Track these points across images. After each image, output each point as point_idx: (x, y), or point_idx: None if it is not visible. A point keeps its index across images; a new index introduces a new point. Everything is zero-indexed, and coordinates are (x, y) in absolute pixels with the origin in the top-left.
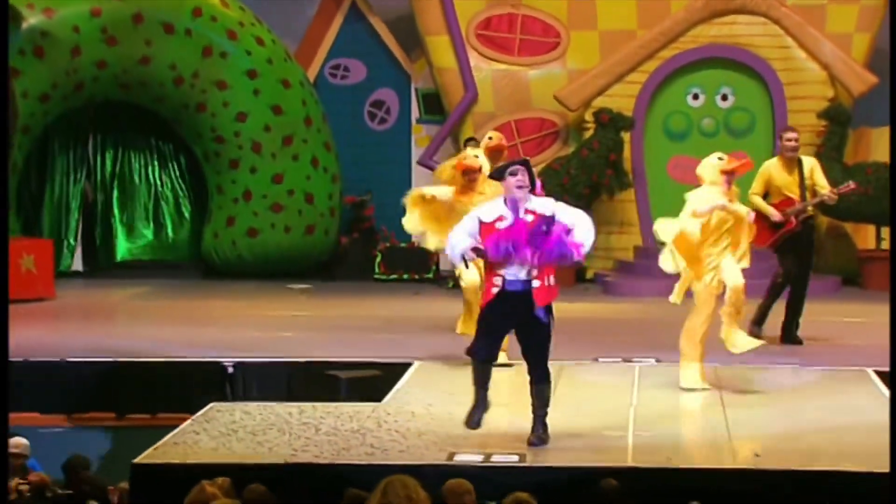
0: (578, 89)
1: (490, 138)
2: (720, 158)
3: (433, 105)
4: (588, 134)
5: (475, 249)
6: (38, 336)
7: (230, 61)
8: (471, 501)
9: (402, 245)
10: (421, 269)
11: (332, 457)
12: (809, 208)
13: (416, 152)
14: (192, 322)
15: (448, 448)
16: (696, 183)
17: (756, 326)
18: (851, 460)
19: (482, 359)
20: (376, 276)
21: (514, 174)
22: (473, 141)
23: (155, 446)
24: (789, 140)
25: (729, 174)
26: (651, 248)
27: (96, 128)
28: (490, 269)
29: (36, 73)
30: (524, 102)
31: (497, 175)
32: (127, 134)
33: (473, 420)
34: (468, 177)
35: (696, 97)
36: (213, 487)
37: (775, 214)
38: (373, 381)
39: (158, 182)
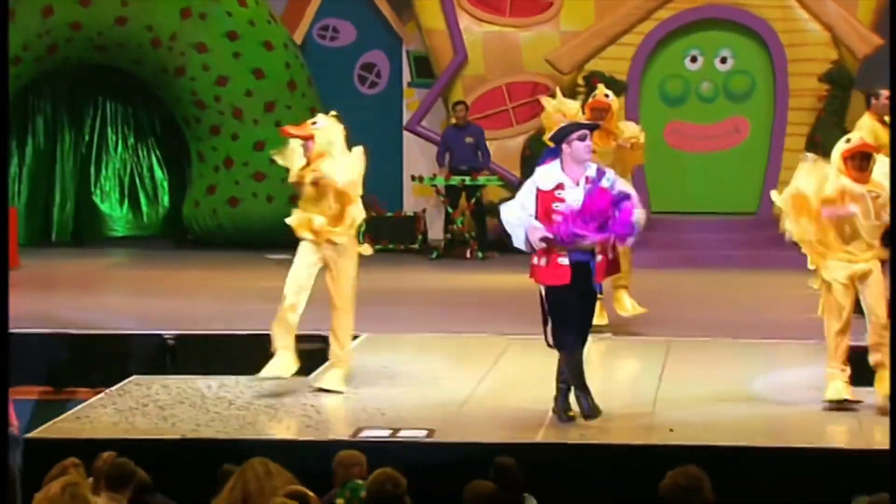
0: (570, 52)
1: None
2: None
3: (425, 68)
4: (580, 99)
5: (544, 239)
6: None
7: (210, 22)
8: (360, 473)
9: (389, 214)
10: (407, 239)
11: (234, 432)
12: None
13: (408, 117)
14: (155, 293)
15: (358, 424)
16: (693, 150)
17: None
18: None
19: (575, 350)
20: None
21: (583, 139)
22: (462, 104)
23: (55, 420)
24: (887, 99)
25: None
26: (647, 218)
27: (73, 92)
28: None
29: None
30: (516, 65)
31: (560, 137)
32: (106, 99)
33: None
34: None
35: (693, 60)
36: (69, 464)
37: None
38: (317, 355)
39: (138, 149)
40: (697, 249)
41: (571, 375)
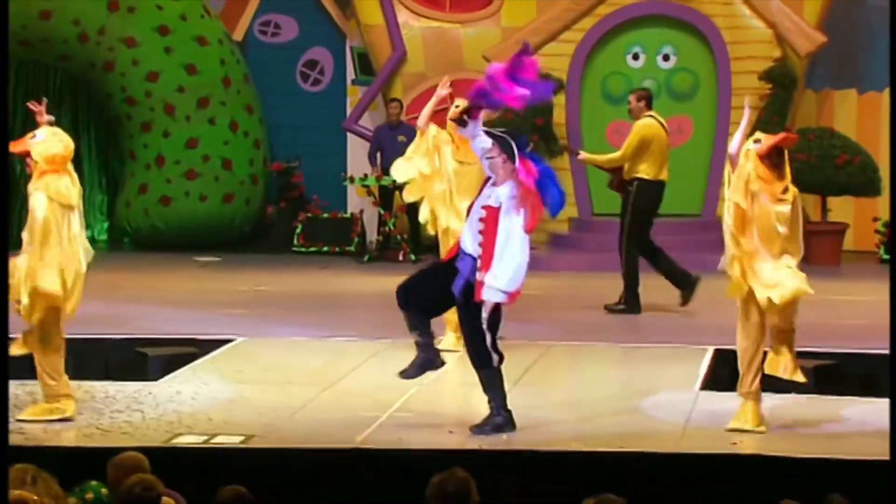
0: (509, 48)
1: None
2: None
3: (370, 66)
4: None
5: None
6: None
7: (139, 16)
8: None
9: (325, 216)
10: (342, 242)
11: (47, 438)
12: None
13: None
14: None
15: (176, 431)
16: None
17: None
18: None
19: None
20: (294, 248)
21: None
22: (396, 102)
23: None
24: None
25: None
26: (587, 220)
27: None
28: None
29: None
30: (457, 62)
31: None
32: (35, 96)
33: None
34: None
35: (636, 57)
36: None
37: None
38: (187, 359)
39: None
40: None
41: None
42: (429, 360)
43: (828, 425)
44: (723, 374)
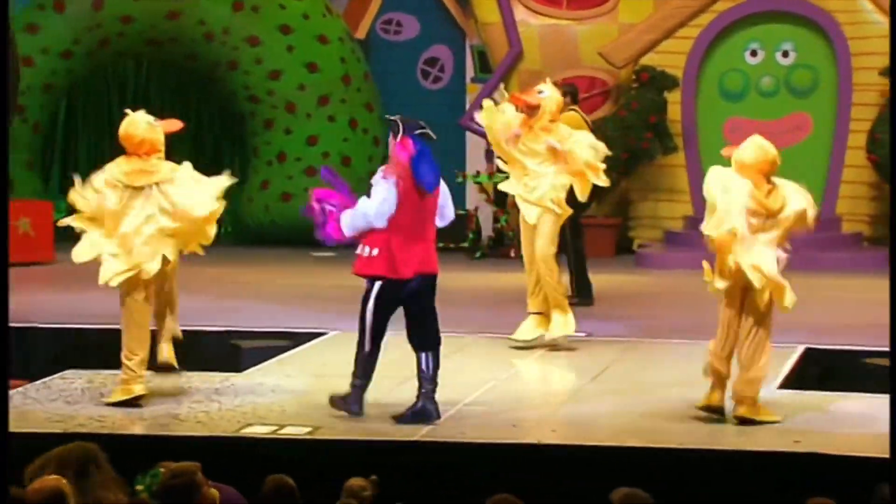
0: (624, 45)
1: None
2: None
3: (489, 63)
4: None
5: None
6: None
7: (262, 15)
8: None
9: None
10: (457, 238)
11: (120, 427)
12: None
13: None
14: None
15: (248, 421)
16: None
17: None
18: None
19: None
20: None
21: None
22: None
23: None
24: None
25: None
26: (703, 217)
27: (124, 88)
28: None
29: (56, 28)
30: (573, 60)
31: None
32: (163, 95)
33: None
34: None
35: (754, 54)
36: None
37: None
38: (277, 352)
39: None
40: None
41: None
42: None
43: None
44: (809, 373)
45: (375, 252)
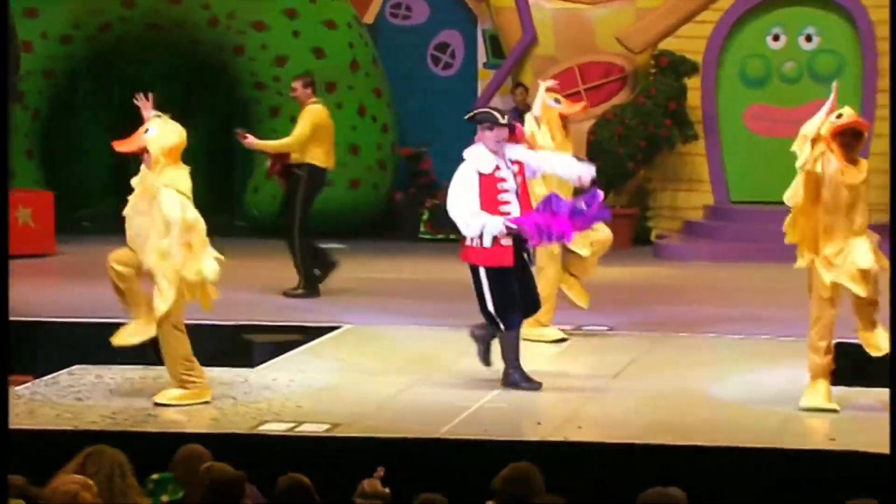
0: (643, 30)
1: (558, 101)
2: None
3: (501, 49)
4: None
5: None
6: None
7: (268, 0)
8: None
9: None
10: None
11: (135, 425)
12: None
13: None
14: None
15: (263, 418)
16: (775, 135)
17: None
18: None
19: (515, 328)
20: (421, 235)
21: (491, 129)
22: (522, 87)
23: None
24: None
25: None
26: (723, 207)
27: (125, 73)
28: None
29: (55, 12)
30: (589, 45)
31: (480, 120)
32: (166, 82)
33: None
34: None
35: (776, 38)
36: None
37: None
38: (290, 346)
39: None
40: (777, 242)
41: (509, 353)
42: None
43: None
44: (839, 368)
45: None
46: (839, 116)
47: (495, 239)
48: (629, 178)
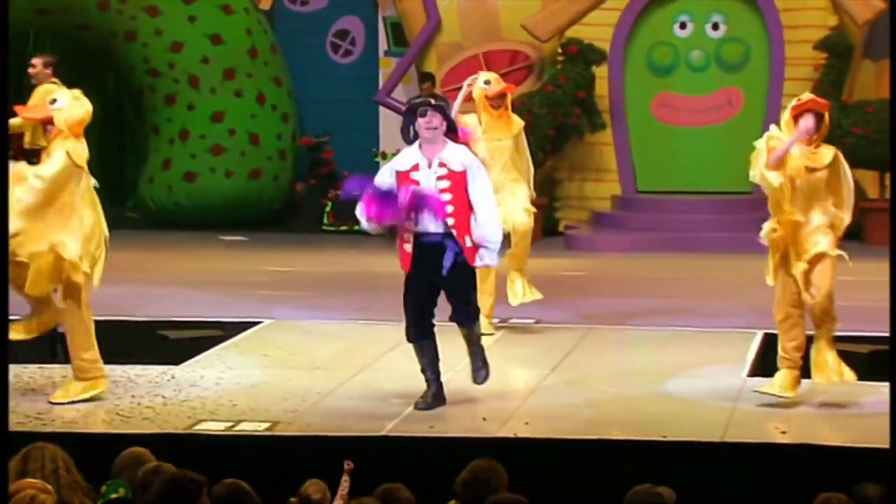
0: (549, 17)
1: (488, 82)
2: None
3: (404, 36)
4: (559, 68)
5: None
6: None
7: None
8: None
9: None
10: None
11: (63, 425)
12: None
13: None
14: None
15: (198, 416)
16: (682, 124)
17: None
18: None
19: (419, 340)
20: (325, 227)
21: (423, 115)
22: (429, 82)
23: None
24: None
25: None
26: (630, 197)
27: (12, 60)
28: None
29: None
30: (494, 32)
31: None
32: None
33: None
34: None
35: (683, 26)
36: None
37: None
38: (211, 342)
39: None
40: (685, 232)
41: (427, 365)
42: (439, 393)
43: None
44: (773, 360)
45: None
46: (798, 99)
47: (400, 241)
48: (537, 167)
